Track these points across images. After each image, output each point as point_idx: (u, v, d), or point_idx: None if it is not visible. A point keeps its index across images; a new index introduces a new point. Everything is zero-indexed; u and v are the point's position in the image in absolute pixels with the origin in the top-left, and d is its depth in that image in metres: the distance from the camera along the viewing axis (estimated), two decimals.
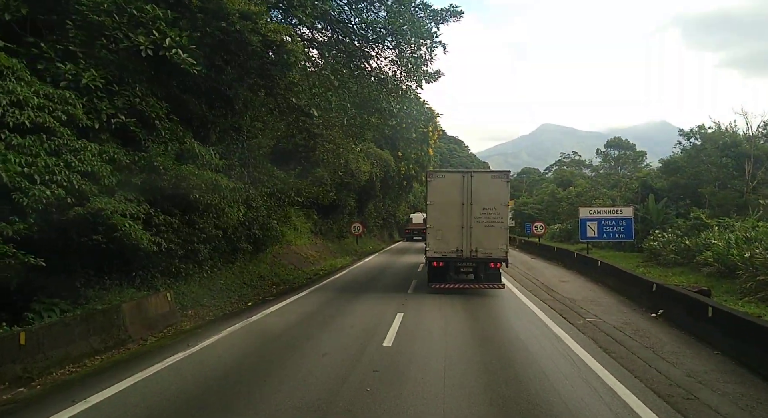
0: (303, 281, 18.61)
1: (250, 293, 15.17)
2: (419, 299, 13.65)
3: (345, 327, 10.03)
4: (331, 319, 10.96)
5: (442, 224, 14.49)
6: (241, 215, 13.71)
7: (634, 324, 10.61)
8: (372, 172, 30.60)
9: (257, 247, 18.33)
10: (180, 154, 10.92)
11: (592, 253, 26.95)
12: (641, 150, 43.57)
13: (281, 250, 22.56)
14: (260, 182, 17.35)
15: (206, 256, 13.35)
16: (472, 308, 12.45)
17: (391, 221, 53.59)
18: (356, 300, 13.56)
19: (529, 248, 35.61)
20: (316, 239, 29.50)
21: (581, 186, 39.63)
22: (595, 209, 26.54)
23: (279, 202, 18.85)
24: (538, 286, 17.05)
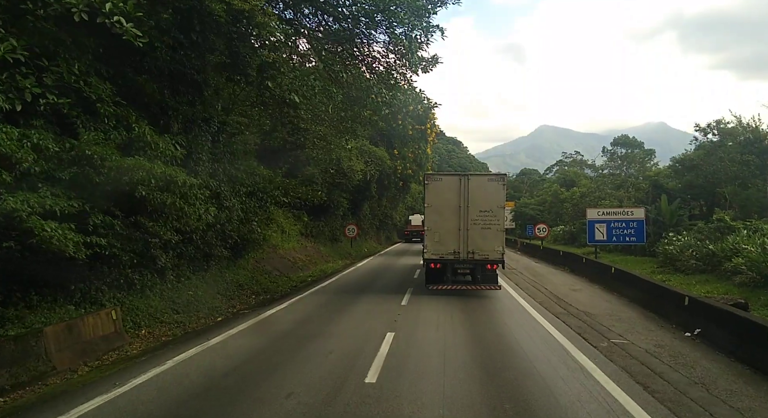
0: (286, 290, 16.85)
1: (223, 306, 13.41)
2: (414, 313, 11.90)
3: (321, 354, 8.27)
4: (306, 341, 9.18)
5: (440, 227, 14.56)
6: (211, 217, 11.96)
7: (669, 347, 8.87)
8: (366, 171, 28.87)
9: (236, 252, 16.59)
10: (128, 143, 9.17)
11: (600, 257, 25.25)
12: (649, 148, 41.71)
13: (266, 254, 20.82)
14: (238, 180, 15.60)
15: (168, 264, 11.58)
16: (476, 325, 10.70)
17: (388, 223, 51.82)
18: (341, 315, 11.80)
19: (532, 252, 33.88)
20: (307, 242, 27.74)
21: (585, 186, 37.93)
22: (603, 211, 24.81)
23: (260, 203, 17.09)
24: (548, 296, 15.31)
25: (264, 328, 10.49)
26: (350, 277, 20.67)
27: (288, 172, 24.97)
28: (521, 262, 28.26)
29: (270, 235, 20.84)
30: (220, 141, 14.97)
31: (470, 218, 14.37)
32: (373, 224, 44.67)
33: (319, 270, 23.23)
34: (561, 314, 12.10)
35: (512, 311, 12.40)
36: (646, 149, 41.82)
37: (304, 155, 25.67)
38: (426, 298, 14.31)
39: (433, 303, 13.39)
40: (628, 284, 15.44)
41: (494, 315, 11.82)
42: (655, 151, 42.30)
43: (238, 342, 9.20)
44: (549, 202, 44.70)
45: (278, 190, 20.63)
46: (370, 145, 29.82)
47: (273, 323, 11.05)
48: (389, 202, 48.60)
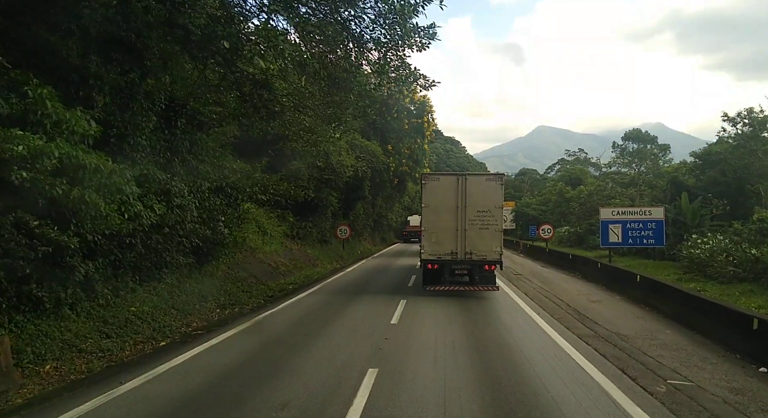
0: (259, 302, 14.46)
1: (175, 324, 10.99)
2: (405, 335, 9.52)
3: (272, 408, 5.89)
4: (257, 385, 6.78)
5: (437, 227, 14.44)
6: (153, 216, 9.58)
7: (751, 393, 6.53)
8: (357, 167, 26.48)
9: (201, 258, 14.22)
10: (21, 114, 6.79)
11: (614, 261, 22.94)
12: (664, 143, 39.21)
13: (241, 259, 18.43)
14: (200, 174, 13.23)
15: (96, 275, 9.19)
16: (485, 355, 8.31)
17: (384, 224, 49.47)
18: (313, 340, 9.40)
19: (537, 255, 31.56)
20: (292, 245, 25.34)
21: (593, 184, 35.53)
22: (618, 210, 22.51)
23: (230, 200, 14.71)
24: (564, 309, 12.97)
25: (208, 361, 8.07)
26: (336, 284, 18.30)
27: (269, 167, 22.67)
28: (526, 266, 25.92)
29: (246, 237, 18.46)
30: (178, 126, 12.62)
31: (468, 218, 14.20)
32: (367, 225, 42.28)
33: (303, 276, 20.85)
34: (587, 336, 9.74)
35: (527, 331, 10.01)
36: (660, 144, 39.32)
37: (288, 148, 23.34)
38: (421, 312, 11.98)
39: (429, 320, 11.03)
40: (659, 296, 13.12)
41: (506, 338, 9.43)
42: (670, 147, 39.80)
43: (161, 389, 6.74)
44: (554, 202, 42.29)
45: (256, 187, 18.37)
46: (362, 138, 27.43)
47: (225, 352, 8.64)
48: (384, 202, 46.24)
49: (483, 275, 14.38)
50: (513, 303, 13.48)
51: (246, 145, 23.16)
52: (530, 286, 17.79)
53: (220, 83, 14.75)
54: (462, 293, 14.97)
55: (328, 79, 14.88)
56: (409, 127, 30.99)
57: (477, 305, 13.15)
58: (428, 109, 30.49)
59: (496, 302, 13.76)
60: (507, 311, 12.30)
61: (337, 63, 14.61)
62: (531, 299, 14.40)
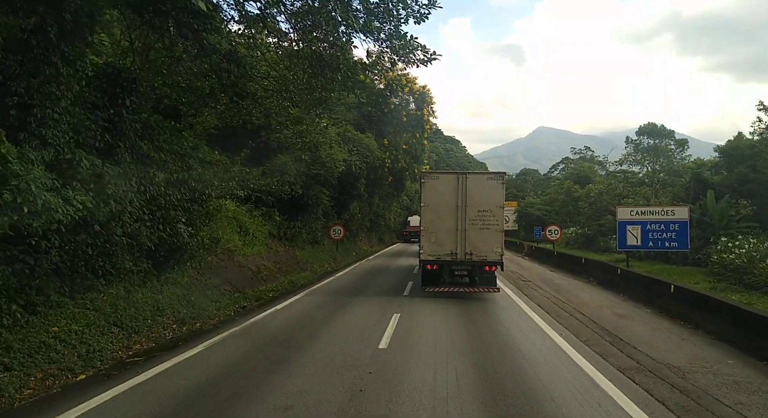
0: (227, 314, 12.30)
1: (109, 348, 8.79)
2: (395, 370, 7.35)
3: None
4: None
5: (437, 227, 14.17)
6: (74, 212, 7.42)
7: None
8: (351, 162, 24.28)
9: (159, 263, 12.08)
10: None
11: (631, 266, 20.81)
12: (682, 138, 36.84)
13: (217, 262, 16.29)
14: (153, 161, 11.08)
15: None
16: (504, 405, 6.13)
17: (381, 224, 47.28)
18: (271, 380, 7.13)
19: (544, 258, 29.41)
20: (278, 246, 23.16)
21: (603, 183, 33.35)
22: (638, 210, 20.34)
23: (195, 195, 12.54)
24: (589, 327, 10.81)
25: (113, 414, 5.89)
26: (323, 291, 16.13)
27: (253, 161, 20.63)
28: (534, 271, 23.77)
29: (221, 237, 16.31)
30: (126, 105, 10.46)
31: (468, 217, 13.92)
32: (363, 225, 40.12)
33: (288, 282, 18.68)
34: (631, 369, 7.56)
35: (554, 364, 7.79)
36: (678, 139, 36.94)
37: (273, 140, 21.24)
38: (417, 331, 9.84)
39: (427, 344, 8.86)
40: (701, 311, 10.97)
41: (528, 374, 7.20)
42: (688, 142, 37.44)
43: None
44: (561, 201, 40.08)
45: (233, 181, 16.27)
46: (355, 130, 25.24)
47: (150, 397, 6.44)
48: (382, 201, 44.08)
49: (483, 276, 14.08)
50: (528, 319, 11.32)
51: (225, 137, 21.10)
52: (543, 295, 15.65)
53: (190, 63, 12.59)
54: (467, 305, 12.94)
55: (313, 57, 12.79)
56: (407, 120, 28.85)
57: (485, 321, 11.00)
58: (428, 100, 28.34)
59: (508, 317, 11.61)
60: (522, 331, 10.12)
61: (323, 38, 12.51)
62: (547, 313, 12.25)
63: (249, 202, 21.01)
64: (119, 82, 10.52)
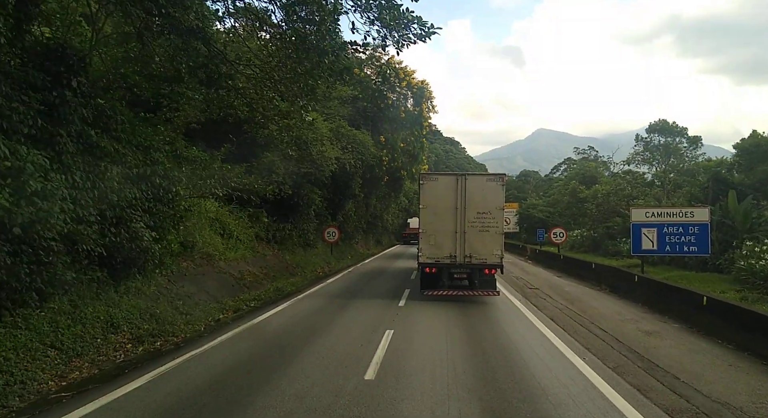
0: (196, 330, 10.70)
1: (38, 378, 7.18)
2: (385, 404, 5.81)
3: None
4: None
5: (436, 229, 13.95)
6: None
7: None
8: (344, 160, 22.70)
9: (116, 271, 10.51)
10: None
11: (646, 271, 19.29)
12: (695, 135, 35.27)
13: (194, 269, 14.76)
14: (107, 155, 9.52)
15: None
16: None
17: (378, 226, 45.74)
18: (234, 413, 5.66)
19: (549, 262, 27.82)
20: (266, 250, 21.60)
21: (611, 183, 31.76)
22: (654, 211, 18.83)
23: (159, 194, 10.96)
24: (615, 348, 9.24)
25: None
26: (310, 302, 14.54)
27: (237, 158, 19.24)
28: (540, 277, 22.20)
29: (196, 241, 14.78)
30: (72, 87, 8.92)
31: (467, 219, 13.70)
32: (359, 227, 38.54)
33: (273, 289, 17.10)
34: (682, 411, 5.96)
35: (582, 402, 6.22)
36: (691, 136, 35.22)
37: (260, 137, 19.71)
38: (411, 355, 8.26)
39: (424, 373, 7.28)
40: (745, 329, 9.41)
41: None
42: (701, 139, 35.77)
43: None
44: (565, 202, 38.47)
45: (212, 179, 14.78)
46: (350, 127, 23.65)
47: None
48: (379, 202, 42.55)
49: (483, 279, 13.85)
50: (542, 338, 9.74)
51: (209, 132, 19.62)
52: (553, 306, 14.09)
53: (153, 41, 11.05)
54: (470, 319, 11.47)
55: (298, 39, 11.31)
56: (405, 116, 27.30)
57: (493, 342, 9.43)
58: (427, 95, 26.78)
59: (519, 336, 10.03)
60: (538, 354, 8.54)
61: (308, 19, 11.02)
62: (563, 330, 10.67)
63: (234, 202, 19.49)
64: (65, 60, 8.98)
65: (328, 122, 22.29)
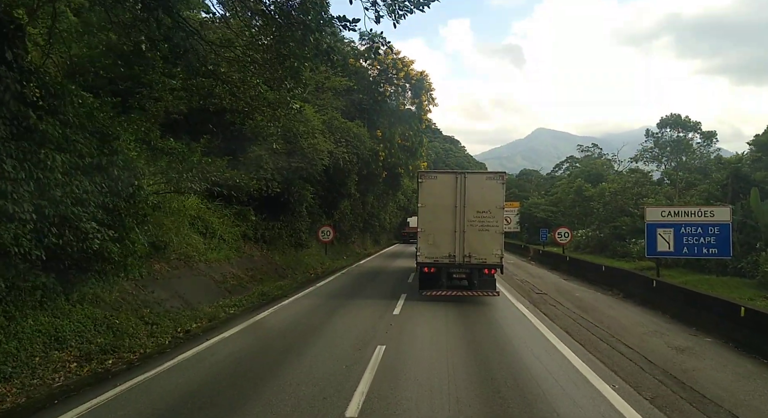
0: (159, 344, 9.31)
1: None
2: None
3: None
4: None
5: (434, 228, 13.78)
6: None
7: None
8: (338, 154, 21.27)
9: (68, 276, 9.11)
10: None
11: (661, 275, 17.91)
12: (710, 130, 33.68)
13: (168, 272, 13.36)
14: (49, 139, 8.10)
15: None
16: None
17: (375, 225, 44.33)
18: None
19: (554, 263, 26.43)
20: (254, 250, 20.19)
21: (619, 181, 30.27)
22: (671, 210, 17.44)
23: (117, 188, 9.53)
24: (642, 367, 7.86)
25: None
26: (295, 309, 13.14)
27: (222, 153, 17.95)
28: (547, 280, 20.82)
29: (168, 241, 13.37)
30: (7, 61, 7.51)
31: (467, 219, 13.55)
32: (355, 226, 37.13)
33: (258, 294, 15.70)
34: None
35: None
36: (704, 131, 33.56)
37: (248, 129, 18.34)
38: (407, 377, 6.87)
39: (422, 404, 5.89)
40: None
41: None
42: (716, 134, 34.24)
43: None
44: (570, 201, 37.01)
45: (189, 173, 13.44)
46: (343, 118, 22.18)
47: None
48: (376, 200, 41.14)
49: (482, 280, 13.66)
50: (560, 358, 8.32)
51: (194, 124, 18.31)
52: (565, 315, 12.70)
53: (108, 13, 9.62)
54: (475, 332, 10.07)
55: (282, 15, 9.96)
56: (403, 109, 25.87)
57: (503, 362, 8.01)
58: (426, 86, 25.34)
59: (533, 355, 8.59)
60: (557, 380, 7.12)
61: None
62: (582, 346, 9.27)
63: (219, 199, 18.11)
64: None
65: (320, 114, 20.84)
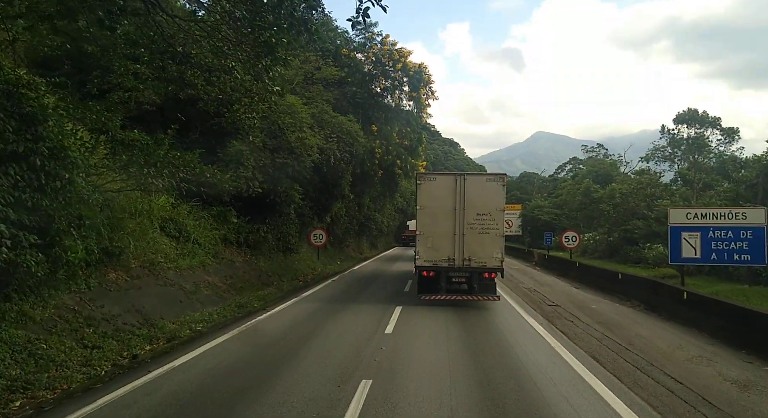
0: (92, 376, 7.48)
1: None
2: None
3: None
4: None
5: (433, 231, 13.56)
6: None
7: None
8: (328, 149, 19.45)
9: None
10: None
11: (676, 281, 16.14)
12: (730, 126, 31.68)
13: (127, 282, 11.55)
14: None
15: None
16: None
17: (372, 227, 42.54)
18: None
19: (562, 269, 24.63)
20: (236, 255, 18.37)
21: (631, 182, 28.39)
22: (697, 212, 15.67)
23: (41, 184, 7.73)
24: (700, 409, 6.07)
25: None
26: (270, 325, 11.31)
27: (200, 147, 16.24)
28: (556, 288, 19.02)
29: (125, 246, 11.55)
30: None
31: (466, 221, 13.43)
32: (350, 229, 35.36)
33: (235, 305, 13.91)
34: None
35: None
36: (725, 127, 31.60)
37: (228, 120, 16.54)
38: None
39: None
40: None
41: None
42: (739, 131, 32.27)
43: None
44: (578, 203, 35.19)
45: (153, 168, 11.74)
46: (334, 112, 20.36)
47: None
48: (373, 202, 39.35)
49: (482, 284, 13.48)
50: (594, 398, 6.50)
51: (166, 118, 16.55)
52: (588, 333, 10.88)
53: None
54: (483, 360, 8.22)
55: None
56: (400, 105, 24.12)
57: (522, 406, 6.22)
58: (425, 78, 23.57)
59: (560, 395, 6.77)
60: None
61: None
62: (616, 378, 7.44)
63: (195, 199, 16.32)
64: None
65: (308, 107, 19.04)
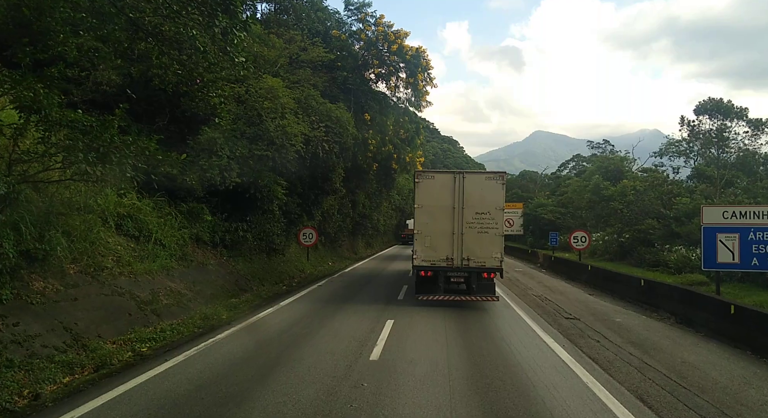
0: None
1: None
2: None
3: None
4: None
5: (431, 230, 13.56)
6: None
7: None
8: (314, 138, 17.32)
9: None
10: None
11: (708, 289, 14.15)
12: (757, 117, 29.36)
13: (58, 292, 9.48)
14: None
15: None
16: None
17: (367, 226, 40.50)
18: None
19: (570, 272, 22.58)
20: (209, 257, 16.25)
21: (646, 179, 26.29)
22: (735, 210, 13.67)
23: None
24: None
25: None
26: (228, 349, 9.22)
27: (172, 136, 14.27)
28: (569, 295, 16.97)
29: (57, 248, 9.47)
30: None
31: (465, 220, 13.33)
32: (344, 228, 33.31)
33: (199, 317, 11.86)
34: None
35: None
36: (752, 119, 29.27)
37: (199, 103, 14.48)
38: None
39: None
40: None
41: None
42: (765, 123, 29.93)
43: None
44: (586, 201, 33.15)
45: (93, 154, 9.71)
46: (322, 98, 18.22)
47: None
48: (368, 199, 37.30)
49: (481, 284, 13.39)
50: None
51: (127, 100, 14.42)
52: (622, 359, 8.83)
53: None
54: (496, 402, 6.14)
55: None
56: (396, 89, 22.08)
57: None
58: (423, 63, 21.50)
59: None
60: None
61: None
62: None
63: (159, 193, 14.30)
64: None
65: (292, 91, 16.96)
